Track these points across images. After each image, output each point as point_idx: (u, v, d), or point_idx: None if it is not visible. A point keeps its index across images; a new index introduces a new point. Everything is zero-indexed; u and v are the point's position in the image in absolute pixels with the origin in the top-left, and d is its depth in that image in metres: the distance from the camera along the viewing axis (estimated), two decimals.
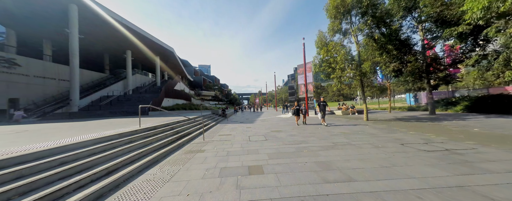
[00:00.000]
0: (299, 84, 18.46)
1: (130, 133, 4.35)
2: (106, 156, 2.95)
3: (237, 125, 9.62)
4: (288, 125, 8.87)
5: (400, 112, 14.34)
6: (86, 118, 14.21)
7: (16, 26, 17.84)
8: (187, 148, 4.56)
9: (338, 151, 3.77)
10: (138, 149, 3.71)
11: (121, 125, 6.10)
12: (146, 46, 24.87)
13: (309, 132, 6.43)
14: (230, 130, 7.54)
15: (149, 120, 8.08)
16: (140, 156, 3.44)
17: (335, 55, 9.68)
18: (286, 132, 6.65)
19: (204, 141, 5.35)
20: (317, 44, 10.81)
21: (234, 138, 5.66)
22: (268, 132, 6.66)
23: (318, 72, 10.60)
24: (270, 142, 4.97)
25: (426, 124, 7.25)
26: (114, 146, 3.48)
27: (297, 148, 4.11)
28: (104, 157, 2.90)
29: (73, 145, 2.94)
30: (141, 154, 3.48)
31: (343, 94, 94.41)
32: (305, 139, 5.12)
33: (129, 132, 4.35)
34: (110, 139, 3.70)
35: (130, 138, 4.03)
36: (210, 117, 12.58)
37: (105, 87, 22.85)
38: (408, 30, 11.06)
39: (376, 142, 4.43)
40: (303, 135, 5.78)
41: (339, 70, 9.14)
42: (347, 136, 5.39)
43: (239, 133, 6.64)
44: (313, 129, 7.00)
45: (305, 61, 15.64)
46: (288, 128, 7.75)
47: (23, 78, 16.52)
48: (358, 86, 10.33)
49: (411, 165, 2.76)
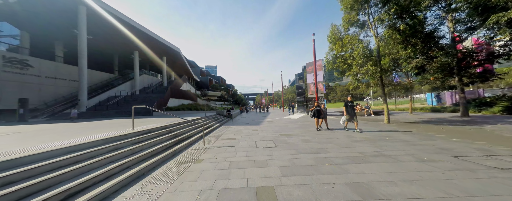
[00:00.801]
0: (308, 83, 17.44)
1: (118, 138, 3.74)
2: (75, 170, 2.31)
3: (242, 127, 8.90)
4: (299, 127, 8.00)
5: (423, 114, 12.93)
6: (91, 118, 14.16)
7: (30, 28, 18.36)
8: (183, 156, 3.88)
9: (372, 165, 2.90)
10: (122, 158, 3.07)
11: (119, 127, 5.57)
12: (153, 47, 24.93)
13: (325, 137, 5.55)
14: (235, 133, 6.82)
15: (150, 121, 7.56)
16: (122, 169, 2.78)
17: (351, 50, 8.69)
18: (298, 136, 5.81)
19: (204, 147, 4.65)
20: (330, 38, 9.84)
21: (238, 144, 4.92)
22: (277, 136, 5.86)
23: (331, 69, 9.64)
24: (281, 149, 4.17)
25: (465, 129, 6.10)
26: (92, 155, 2.85)
27: (316, 160, 3.29)
28: (72, 172, 2.26)
29: (35, 156, 2.33)
30: (123, 166, 2.83)
31: (352, 94, 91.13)
32: (322, 147, 4.27)
33: (117, 137, 3.75)
34: (90, 146, 3.10)
35: (117, 145, 3.42)
36: (214, 118, 11.98)
37: (113, 88, 23.12)
38: (434, 21, 9.79)
39: (417, 153, 3.50)
40: (319, 141, 4.92)
41: (357, 66, 8.14)
42: (374, 143, 4.47)
43: (245, 137, 5.90)
44: (329, 134, 6.10)
45: (315, 59, 14.62)
46: (299, 131, 6.89)
47: (35, 79, 16.88)
48: (377, 85, 9.24)
49: (498, 195, 1.86)
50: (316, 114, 7.02)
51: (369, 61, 8.19)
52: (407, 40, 8.44)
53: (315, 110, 7.06)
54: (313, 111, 7.17)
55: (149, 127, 5.05)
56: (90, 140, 3.22)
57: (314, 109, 7.11)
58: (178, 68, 38.34)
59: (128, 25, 18.85)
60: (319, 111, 7.03)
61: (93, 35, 19.77)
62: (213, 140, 5.67)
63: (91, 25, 17.46)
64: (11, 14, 16.49)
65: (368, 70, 7.79)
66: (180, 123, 6.51)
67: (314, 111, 7.09)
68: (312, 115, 7.18)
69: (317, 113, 7.02)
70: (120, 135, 3.85)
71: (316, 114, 7.02)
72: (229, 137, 6.01)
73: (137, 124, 6.44)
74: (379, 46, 8.81)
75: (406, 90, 10.91)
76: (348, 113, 6.25)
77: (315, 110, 7.07)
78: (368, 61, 8.17)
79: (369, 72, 7.88)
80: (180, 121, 6.63)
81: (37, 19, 17.09)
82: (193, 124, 7.22)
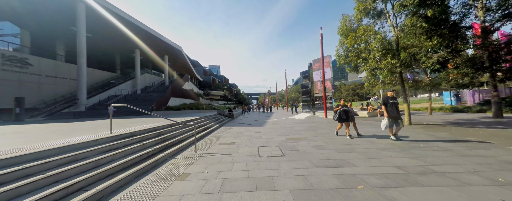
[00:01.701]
0: (314, 81, 16.40)
1: (83, 146, 2.95)
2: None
3: (243, 128, 8.04)
4: (307, 129, 7.06)
5: (444, 114, 11.70)
6: (87, 118, 13.67)
7: (30, 27, 18.13)
8: (165, 168, 3.05)
9: (428, 192, 1.97)
10: (78, 175, 2.26)
11: (102, 129, 4.82)
12: (154, 45, 24.43)
13: (342, 143, 4.60)
14: (234, 136, 5.96)
15: (143, 121, 6.82)
16: (67, 193, 1.97)
17: (366, 42, 7.67)
18: (308, 141, 4.89)
19: (195, 155, 3.82)
20: (341, 30, 8.83)
21: (237, 150, 4.06)
22: (284, 141, 4.96)
23: (342, 65, 8.64)
24: (291, 160, 3.28)
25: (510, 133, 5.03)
26: (29, 172, 2.06)
27: (341, 178, 2.38)
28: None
29: None
30: (72, 188, 2.02)
31: (358, 93, 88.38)
32: (343, 157, 3.35)
33: (82, 144, 2.96)
34: (35, 158, 2.31)
35: (77, 155, 2.62)
36: (214, 118, 11.18)
37: (114, 87, 22.78)
38: (461, 9, 8.61)
39: (480, 169, 2.53)
40: (337, 148, 3.99)
41: (373, 60, 7.13)
42: (409, 152, 3.50)
43: (245, 142, 5.03)
44: (344, 139, 5.14)
45: (322, 55, 13.62)
46: (308, 134, 5.96)
47: (35, 78, 16.57)
48: (394, 82, 8.18)
49: None
50: (343, 116, 5.07)
51: (388, 54, 7.16)
52: (432, 29, 7.35)
53: (341, 110, 5.10)
54: (338, 112, 5.18)
55: (132, 130, 4.26)
56: (39, 149, 2.44)
57: (340, 110, 5.14)
58: (180, 67, 37.92)
59: (128, 23, 18.33)
60: (347, 112, 5.09)
61: (92, 33, 19.35)
62: (209, 144, 4.84)
63: (90, 23, 17.03)
64: (12, 12, 16.24)
65: (388, 64, 6.77)
66: (173, 124, 5.71)
67: (339, 112, 5.12)
68: (337, 117, 5.16)
69: (344, 114, 5.07)
70: (88, 142, 3.06)
71: (344, 116, 5.07)
72: (227, 141, 5.16)
73: (127, 125, 5.71)
74: (398, 38, 7.75)
75: (430, 88, 9.76)
76: (390, 114, 4.45)
77: (341, 111, 5.11)
78: (386, 54, 7.14)
79: (388, 67, 6.85)
80: (173, 123, 5.84)
81: (36, 17, 16.78)
82: (188, 125, 6.42)
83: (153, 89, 26.40)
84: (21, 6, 15.19)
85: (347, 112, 5.13)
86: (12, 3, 14.84)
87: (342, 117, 5.09)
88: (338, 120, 5.19)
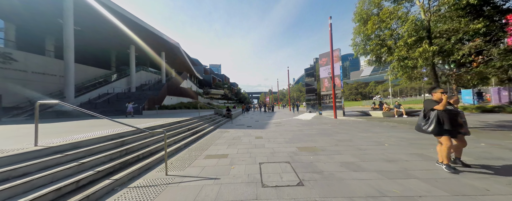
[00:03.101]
0: (321, 78, 14.97)
1: None
2: None
3: (242, 131, 6.68)
4: (320, 134, 5.68)
5: (473, 115, 10.23)
6: (73, 117, 12.45)
7: (15, 20, 16.88)
8: None
9: None
10: None
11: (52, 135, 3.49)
12: (150, 41, 23.09)
13: (380, 157, 3.22)
14: (229, 144, 4.61)
15: (110, 125, 5.48)
16: None
17: (393, 26, 6.26)
18: (330, 153, 3.52)
19: (161, 181, 2.46)
20: (359, 15, 7.41)
21: (228, 172, 2.70)
22: (296, 153, 3.59)
23: (360, 55, 7.22)
24: (317, 196, 1.92)
25: None
26: None
27: None
28: None
29: None
30: None
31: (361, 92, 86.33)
32: (403, 189, 1.97)
33: None
34: None
35: None
36: (209, 118, 9.84)
37: (107, 84, 21.54)
38: None
39: None
40: (379, 169, 2.61)
41: (404, 47, 5.71)
42: (497, 180, 2.12)
43: (243, 154, 3.67)
44: (377, 148, 3.77)
45: (331, 47, 12.18)
46: (324, 141, 4.58)
47: (20, 74, 15.37)
48: (427, 74, 6.76)
49: None
50: (450, 126, 2.39)
51: (423, 40, 5.73)
52: (477, 10, 5.89)
53: (447, 114, 2.43)
54: (438, 116, 2.44)
55: (77, 139, 2.93)
56: None
57: (446, 114, 2.43)
58: (179, 64, 36.63)
59: (121, 16, 16.98)
60: (455, 116, 2.46)
61: (82, 27, 18.06)
62: (191, 158, 3.49)
63: (80, 16, 15.74)
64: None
65: (425, 52, 5.34)
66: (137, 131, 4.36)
67: (439, 117, 2.44)
68: (434, 126, 2.43)
69: (451, 123, 2.40)
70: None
71: (452, 125, 2.41)
72: (218, 153, 3.80)
73: (81, 130, 4.35)
74: (429, 22, 6.30)
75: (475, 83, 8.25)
76: None
77: (446, 115, 2.42)
78: (421, 39, 5.71)
79: (424, 56, 5.43)
80: (156, 124, 4.49)
81: (22, 9, 15.47)
82: (156, 132, 5.06)
83: (148, 87, 25.17)
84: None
85: (454, 116, 2.46)
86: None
87: (445, 127, 2.39)
88: (437, 132, 2.43)
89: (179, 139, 4.78)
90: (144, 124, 5.20)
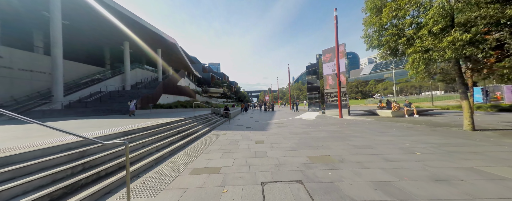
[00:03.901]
0: (325, 75, 14.15)
1: None
2: None
3: (240, 134, 5.88)
4: (330, 137, 4.88)
5: (489, 114, 9.49)
6: (60, 117, 11.60)
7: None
8: None
9: None
10: None
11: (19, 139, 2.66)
12: (145, 37, 22.09)
13: (424, 174, 2.44)
14: (224, 151, 3.81)
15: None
16: None
17: (413, 13, 5.43)
18: (352, 165, 2.73)
19: None
20: (371, 3, 6.57)
21: (218, 199, 1.91)
22: (308, 166, 2.80)
23: (374, 47, 6.42)
24: None
25: None
26: None
27: None
28: None
29: None
30: None
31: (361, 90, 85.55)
32: None
33: None
34: None
35: None
36: (205, 118, 9.03)
37: (100, 82, 20.61)
38: None
39: None
40: (430, 193, 1.83)
41: (430, 37, 4.90)
42: None
43: (239, 165, 2.88)
44: (410, 157, 2.98)
45: (337, 42, 11.35)
46: (338, 147, 3.79)
47: (4, 71, 14.43)
48: (449, 68, 5.96)
49: None
50: None
51: (447, 29, 4.93)
52: None
53: None
54: None
55: (10, 152, 2.11)
56: None
57: None
58: (176, 62, 35.65)
59: (113, 10, 15.98)
60: None
61: (72, 21, 17.06)
62: (172, 174, 2.68)
63: (69, 9, 14.76)
64: None
65: (454, 41, 4.54)
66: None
67: None
68: None
69: None
70: None
71: None
72: (208, 166, 3.00)
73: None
74: (453, 9, 5.48)
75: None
76: None
77: None
78: (446, 28, 4.91)
79: (453, 47, 4.63)
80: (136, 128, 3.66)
81: (4, 2, 14.45)
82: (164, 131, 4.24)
83: (144, 85, 24.26)
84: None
85: None
86: None
87: None
88: None
89: (164, 145, 3.97)
90: (120, 127, 4.37)
